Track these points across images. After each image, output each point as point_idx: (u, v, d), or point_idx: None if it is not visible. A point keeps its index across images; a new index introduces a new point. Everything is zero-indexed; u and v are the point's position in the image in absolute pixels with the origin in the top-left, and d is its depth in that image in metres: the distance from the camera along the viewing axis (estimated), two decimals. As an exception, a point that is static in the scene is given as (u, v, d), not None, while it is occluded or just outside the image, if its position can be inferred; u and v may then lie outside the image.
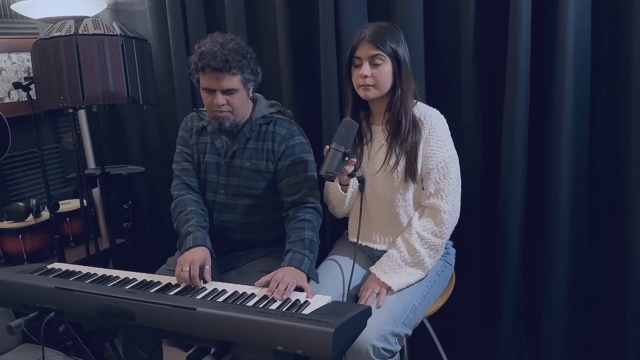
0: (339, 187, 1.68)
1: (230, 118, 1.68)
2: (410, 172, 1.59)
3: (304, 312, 1.28)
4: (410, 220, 1.64)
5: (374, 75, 1.57)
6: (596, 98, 1.74)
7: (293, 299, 1.38)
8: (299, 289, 1.45)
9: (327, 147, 1.52)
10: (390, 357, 1.47)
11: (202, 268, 1.54)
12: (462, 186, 1.65)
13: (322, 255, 1.86)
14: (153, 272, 1.72)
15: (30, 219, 2.30)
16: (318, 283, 1.61)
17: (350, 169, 1.56)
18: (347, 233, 1.84)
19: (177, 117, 2.47)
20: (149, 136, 2.69)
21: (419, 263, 1.58)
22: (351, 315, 1.22)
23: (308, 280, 1.53)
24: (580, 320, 1.89)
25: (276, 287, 1.39)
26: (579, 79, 1.71)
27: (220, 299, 1.39)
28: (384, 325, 1.45)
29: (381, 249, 1.71)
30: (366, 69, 1.56)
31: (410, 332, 1.53)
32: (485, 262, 1.99)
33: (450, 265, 1.75)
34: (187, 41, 2.36)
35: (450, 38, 1.89)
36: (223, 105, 1.64)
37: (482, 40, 1.83)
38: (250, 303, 1.36)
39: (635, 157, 1.67)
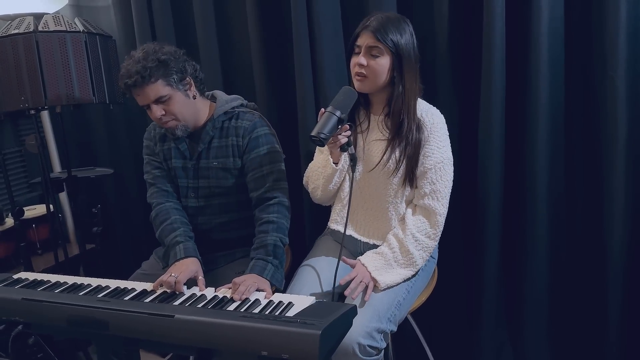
0: (330, 160, 1.61)
1: (179, 125, 1.63)
2: (410, 177, 1.56)
3: (287, 314, 1.24)
4: (402, 217, 1.61)
5: (370, 66, 1.51)
6: (571, 85, 1.74)
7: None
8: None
9: (322, 110, 1.45)
10: (376, 355, 1.44)
11: (192, 280, 1.49)
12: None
13: (302, 251, 1.83)
14: (126, 278, 1.66)
15: (-6, 227, 2.19)
16: (282, 289, 1.57)
17: (343, 139, 1.48)
18: (329, 228, 1.80)
19: (146, 117, 2.36)
20: (117, 137, 2.60)
21: (411, 264, 1.56)
22: (337, 315, 1.18)
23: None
24: (560, 310, 1.90)
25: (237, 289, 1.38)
26: (554, 67, 1.70)
27: (200, 305, 1.34)
28: (369, 322, 1.42)
29: (365, 241, 1.68)
30: (362, 58, 1.51)
31: (395, 329, 1.50)
32: (465, 254, 1.98)
33: (434, 259, 1.73)
34: (154, 37, 2.28)
35: (425, 28, 1.86)
36: (163, 115, 1.60)
37: (457, 31, 1.81)
38: (231, 307, 1.31)
39: (610, 141, 1.68)
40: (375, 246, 1.65)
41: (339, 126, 1.43)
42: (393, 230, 1.60)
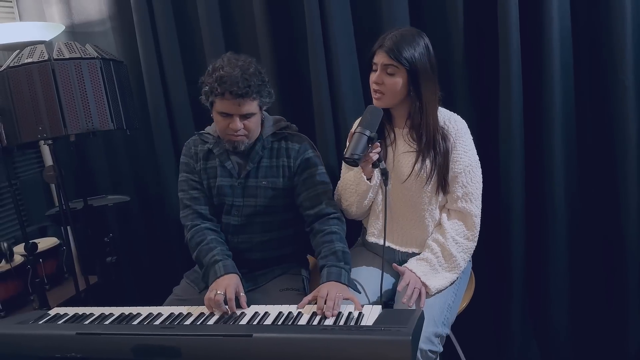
0: (364, 177, 1.63)
1: (245, 141, 1.66)
2: (442, 184, 1.61)
3: (363, 323, 1.25)
4: (439, 222, 1.66)
5: (386, 84, 1.56)
6: (583, 89, 1.84)
7: (345, 313, 1.34)
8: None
9: (352, 131, 1.50)
10: (435, 359, 1.48)
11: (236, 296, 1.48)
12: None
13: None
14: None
15: (3, 264, 2.09)
16: (360, 293, 1.60)
17: (375, 156, 1.52)
18: (362, 239, 1.82)
19: (154, 141, 2.34)
20: (119, 164, 2.53)
21: (455, 267, 1.61)
22: (416, 320, 1.20)
23: None
24: (582, 307, 1.99)
25: (324, 304, 1.36)
26: (565, 73, 1.81)
27: (269, 322, 1.33)
28: (427, 327, 1.45)
29: (403, 250, 1.71)
30: (377, 76, 1.57)
31: (449, 331, 1.54)
32: (488, 257, 2.03)
33: (470, 261, 1.78)
34: (160, 60, 2.25)
35: (441, 40, 1.92)
36: (240, 129, 1.60)
37: (472, 43, 1.89)
38: (302, 322, 1.31)
39: (622, 138, 1.79)
40: (413, 254, 1.68)
41: (370, 145, 1.49)
42: (432, 236, 1.65)
